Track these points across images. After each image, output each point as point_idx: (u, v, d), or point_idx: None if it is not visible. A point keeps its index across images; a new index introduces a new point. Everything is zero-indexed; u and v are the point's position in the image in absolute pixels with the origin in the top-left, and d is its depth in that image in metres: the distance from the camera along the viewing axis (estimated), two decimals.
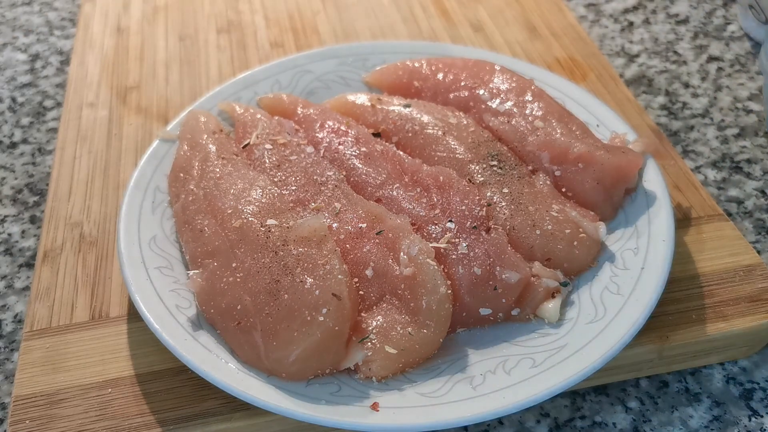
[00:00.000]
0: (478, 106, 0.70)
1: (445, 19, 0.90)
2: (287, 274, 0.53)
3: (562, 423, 0.55)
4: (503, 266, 0.55)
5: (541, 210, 0.60)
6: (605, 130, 0.67)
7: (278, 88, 0.74)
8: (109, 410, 0.53)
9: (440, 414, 0.49)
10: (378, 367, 0.52)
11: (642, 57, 0.88)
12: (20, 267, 0.67)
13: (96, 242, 0.65)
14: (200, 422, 0.52)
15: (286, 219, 0.58)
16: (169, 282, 0.57)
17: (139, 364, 0.56)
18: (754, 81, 0.84)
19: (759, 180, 0.72)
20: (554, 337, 0.54)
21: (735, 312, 0.58)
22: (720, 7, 0.95)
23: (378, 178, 0.62)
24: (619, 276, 0.57)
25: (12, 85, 0.86)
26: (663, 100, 0.82)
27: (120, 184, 0.70)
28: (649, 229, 0.59)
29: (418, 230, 0.58)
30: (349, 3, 0.93)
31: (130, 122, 0.76)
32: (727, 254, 0.62)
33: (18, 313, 0.63)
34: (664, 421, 0.55)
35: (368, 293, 0.55)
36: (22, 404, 0.53)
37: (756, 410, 0.56)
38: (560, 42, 0.86)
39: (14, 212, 0.72)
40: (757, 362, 0.59)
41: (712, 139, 0.77)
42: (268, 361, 0.51)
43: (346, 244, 0.57)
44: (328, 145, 0.66)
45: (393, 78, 0.74)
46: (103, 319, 0.59)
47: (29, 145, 0.79)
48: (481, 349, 0.54)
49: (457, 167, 0.63)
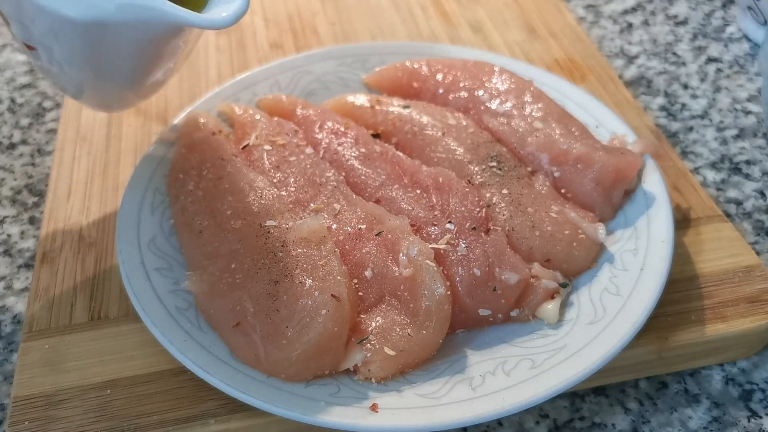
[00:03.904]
0: (478, 107, 0.70)
1: (444, 20, 0.90)
2: (286, 275, 0.53)
3: (561, 424, 0.55)
4: (502, 267, 0.55)
5: (541, 211, 0.60)
6: (604, 131, 0.67)
7: (277, 89, 0.74)
8: (109, 411, 0.53)
9: (439, 415, 0.49)
10: (377, 368, 0.52)
11: (641, 58, 0.88)
12: (19, 268, 0.67)
13: (95, 243, 0.65)
14: (199, 423, 0.52)
15: (285, 220, 0.58)
16: (168, 283, 0.57)
17: (138, 365, 0.56)
18: (753, 82, 0.84)
19: (758, 181, 0.72)
20: (553, 338, 0.54)
21: (734, 313, 0.58)
22: (719, 9, 0.95)
23: (377, 179, 0.62)
24: (618, 277, 0.57)
25: (11, 86, 0.86)
26: (662, 101, 0.82)
27: (119, 185, 0.70)
28: (648, 230, 0.59)
29: (417, 231, 0.58)
30: (348, 4, 0.93)
31: (129, 123, 0.76)
32: (727, 255, 0.62)
33: (17, 314, 0.63)
34: (663, 422, 0.55)
35: (367, 294, 0.55)
36: (21, 405, 0.53)
37: (755, 411, 0.56)
38: (559, 43, 0.86)
39: (13, 213, 0.72)
40: (757, 363, 0.59)
41: (711, 140, 0.77)
42: (268, 362, 0.51)
43: (346, 245, 0.57)
44: (328, 146, 0.66)
45: (392, 79, 0.74)
46: (102, 320, 0.59)
47: (28, 146, 0.79)
48: (481, 350, 0.54)
49: (456, 168, 0.63)
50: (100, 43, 0.51)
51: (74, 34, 0.50)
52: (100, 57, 0.53)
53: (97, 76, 0.56)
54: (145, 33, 0.50)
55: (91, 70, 0.55)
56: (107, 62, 0.54)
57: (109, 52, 0.52)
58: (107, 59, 0.53)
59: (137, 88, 0.62)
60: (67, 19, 0.47)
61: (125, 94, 0.62)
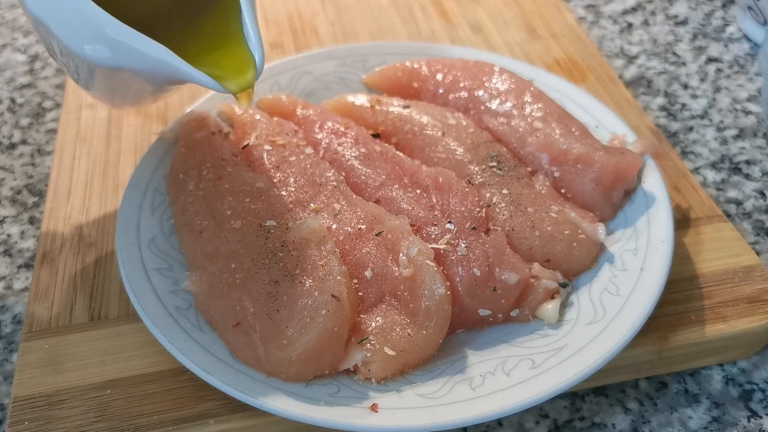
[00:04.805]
0: (478, 107, 0.70)
1: (444, 20, 0.90)
2: (286, 275, 0.53)
3: (561, 424, 0.55)
4: (502, 267, 0.55)
5: (541, 211, 0.60)
6: (604, 131, 0.67)
7: (277, 89, 0.74)
8: (109, 411, 0.53)
9: (439, 415, 0.49)
10: (377, 368, 0.51)
11: (641, 58, 0.88)
12: (19, 268, 0.67)
13: (95, 243, 0.65)
14: (199, 423, 0.52)
15: (285, 220, 0.58)
16: (168, 283, 0.57)
17: (138, 365, 0.56)
18: (753, 82, 0.84)
19: (758, 181, 0.72)
20: (553, 338, 0.54)
21: (734, 313, 0.58)
22: (719, 9, 0.95)
23: (377, 179, 0.62)
24: (618, 277, 0.57)
25: (11, 86, 0.86)
26: (662, 101, 0.82)
27: (119, 185, 0.70)
28: (648, 230, 0.59)
29: (417, 231, 0.58)
30: (348, 4, 0.93)
31: (129, 123, 0.76)
32: (726, 255, 0.62)
33: (17, 314, 0.63)
34: (663, 422, 0.55)
35: (367, 294, 0.55)
36: (21, 405, 0.53)
37: (755, 411, 0.56)
38: (559, 43, 0.86)
39: (13, 213, 0.72)
40: (757, 363, 0.59)
41: (711, 140, 0.77)
42: (268, 362, 0.51)
43: (346, 245, 0.57)
44: (328, 146, 0.66)
45: (392, 79, 0.74)
46: (102, 320, 0.59)
47: (28, 146, 0.79)
48: (481, 350, 0.54)
49: (456, 168, 0.63)
50: (115, 79, 0.53)
51: (92, 70, 0.52)
52: (114, 86, 0.56)
53: (107, 94, 0.59)
54: (161, 79, 0.53)
55: (103, 90, 0.58)
56: (119, 89, 0.57)
57: (123, 85, 0.55)
58: (120, 88, 0.56)
59: (146, 103, 0.67)
60: (88, 60, 0.49)
61: (134, 103, 0.66)
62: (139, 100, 0.65)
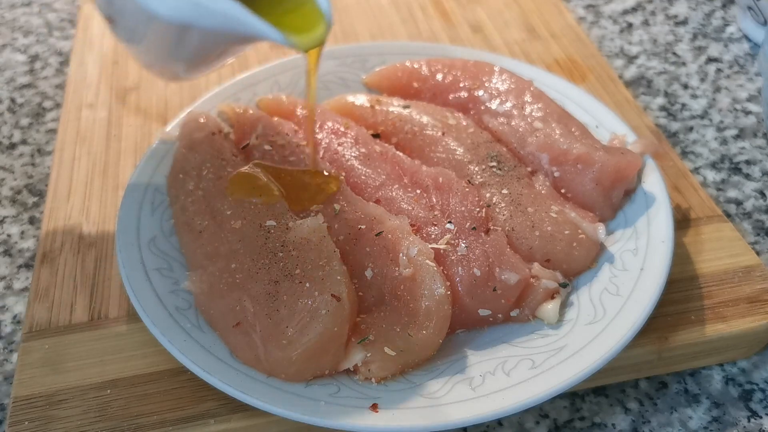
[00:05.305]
0: (478, 107, 0.70)
1: (444, 20, 0.90)
2: (286, 275, 0.53)
3: (561, 424, 0.55)
4: (502, 267, 0.55)
5: (541, 211, 0.60)
6: (604, 131, 0.67)
7: (277, 89, 0.74)
8: (109, 411, 0.53)
9: (439, 415, 0.49)
10: (377, 368, 0.51)
11: (641, 58, 0.88)
12: (19, 268, 0.67)
13: (95, 243, 0.65)
14: (199, 423, 0.52)
15: (285, 220, 0.58)
16: (168, 283, 0.57)
17: (138, 365, 0.56)
18: (753, 82, 0.84)
19: (758, 181, 0.72)
20: (553, 338, 0.54)
21: (734, 313, 0.58)
22: (719, 9, 0.95)
23: (377, 179, 0.62)
24: (618, 277, 0.57)
25: (11, 86, 0.86)
26: (662, 101, 0.82)
27: (119, 185, 0.70)
28: (648, 230, 0.59)
29: (417, 231, 0.58)
30: (348, 4, 0.93)
31: (129, 123, 0.76)
32: (726, 255, 0.62)
33: (17, 314, 0.63)
34: (663, 422, 0.55)
35: (367, 294, 0.55)
36: (21, 405, 0.53)
37: (755, 411, 0.56)
38: (559, 43, 0.86)
39: (13, 213, 0.72)
40: (757, 363, 0.59)
41: (711, 140, 0.77)
42: (268, 362, 0.51)
43: (346, 245, 0.57)
44: (327, 146, 0.66)
45: (392, 79, 0.74)
46: (102, 320, 0.59)
47: (28, 146, 0.79)
48: (481, 350, 0.54)
49: (456, 168, 0.63)
50: (178, 38, 0.51)
51: (157, 27, 0.50)
52: (174, 48, 0.53)
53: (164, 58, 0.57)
54: (226, 38, 0.51)
55: (160, 53, 0.56)
56: (178, 52, 0.54)
57: (185, 47, 0.53)
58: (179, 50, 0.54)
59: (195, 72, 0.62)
60: (154, 14, 0.47)
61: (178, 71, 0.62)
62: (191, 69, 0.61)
